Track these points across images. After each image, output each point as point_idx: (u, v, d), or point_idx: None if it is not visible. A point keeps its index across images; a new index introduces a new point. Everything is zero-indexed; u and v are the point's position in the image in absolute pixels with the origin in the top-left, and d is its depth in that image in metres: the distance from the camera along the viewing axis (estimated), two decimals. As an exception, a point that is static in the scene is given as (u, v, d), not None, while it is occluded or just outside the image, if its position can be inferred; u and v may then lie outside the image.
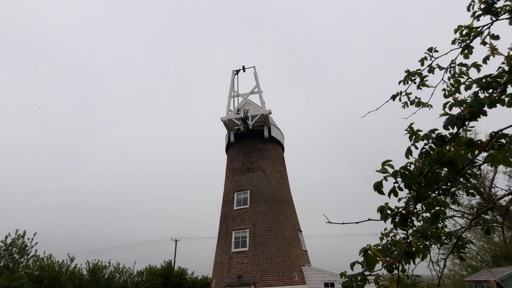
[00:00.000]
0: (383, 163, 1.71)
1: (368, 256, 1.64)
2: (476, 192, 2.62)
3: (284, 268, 14.83)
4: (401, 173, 1.60)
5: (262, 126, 18.86)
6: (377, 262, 1.73)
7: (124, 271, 22.42)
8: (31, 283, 15.32)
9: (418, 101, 2.72)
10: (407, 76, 2.64)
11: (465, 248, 2.79)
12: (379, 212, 1.67)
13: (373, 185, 1.68)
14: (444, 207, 1.58)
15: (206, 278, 25.57)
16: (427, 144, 1.76)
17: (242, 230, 15.93)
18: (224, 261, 15.61)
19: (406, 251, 1.56)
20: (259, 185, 17.29)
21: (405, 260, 1.60)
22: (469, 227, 2.57)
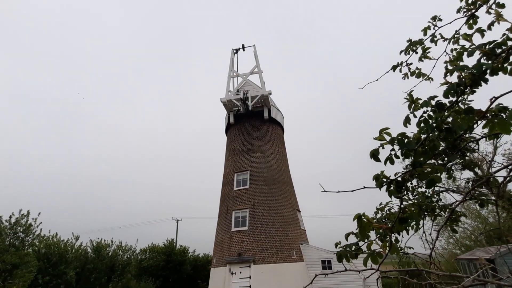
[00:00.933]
0: (381, 131, 1.70)
1: (362, 222, 1.67)
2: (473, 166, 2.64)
3: (283, 246, 15.26)
4: (399, 139, 1.59)
5: (262, 107, 18.73)
6: (370, 229, 1.76)
7: (127, 249, 23.11)
8: (38, 260, 15.83)
9: (419, 72, 2.66)
10: (409, 45, 2.57)
11: (458, 221, 2.84)
12: (375, 180, 1.67)
13: (369, 153, 1.67)
14: (439, 172, 1.58)
15: (207, 256, 26.39)
16: (425, 112, 1.74)
17: (242, 210, 16.25)
18: (224, 240, 16.04)
19: (400, 217, 1.58)
20: (259, 166, 17.43)
21: (398, 226, 1.62)
22: (464, 200, 2.60)
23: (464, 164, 2.68)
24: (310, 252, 15.55)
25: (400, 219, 1.58)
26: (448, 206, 2.58)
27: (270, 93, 18.16)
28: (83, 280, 18.54)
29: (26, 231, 16.77)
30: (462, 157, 2.53)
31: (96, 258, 19.95)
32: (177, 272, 23.81)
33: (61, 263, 17.06)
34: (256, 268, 14.42)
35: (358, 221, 1.60)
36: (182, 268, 24.10)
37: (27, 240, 16.79)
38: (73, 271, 17.69)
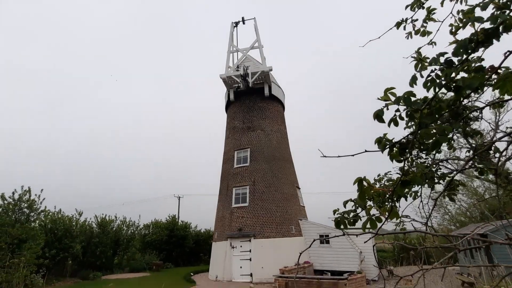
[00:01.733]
0: (386, 90, 1.62)
1: (362, 186, 1.63)
2: (475, 134, 2.57)
3: (282, 222, 15.64)
4: (405, 98, 1.51)
5: (263, 83, 18.37)
6: (370, 194, 1.73)
7: (131, 224, 23.74)
8: (45, 234, 16.30)
9: (424, 31, 2.51)
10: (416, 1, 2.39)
11: (456, 190, 2.83)
12: (377, 143, 1.61)
13: (373, 113, 1.60)
14: (446, 132, 1.52)
15: (208, 231, 27.19)
16: (433, 71, 1.65)
17: (242, 187, 16.47)
18: (225, 216, 16.41)
19: (401, 179, 1.54)
20: (259, 143, 17.43)
21: (399, 190, 1.59)
22: (464, 169, 2.56)
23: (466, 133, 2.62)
24: (308, 227, 15.97)
25: (402, 182, 1.53)
26: (447, 174, 2.55)
27: (270, 69, 17.73)
28: (89, 253, 19.25)
29: (30, 207, 17.13)
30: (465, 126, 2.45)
31: (101, 233, 20.58)
32: (180, 246, 24.65)
33: (66, 237, 17.60)
34: (256, 242, 14.87)
35: (359, 185, 1.57)
36: (185, 242, 24.93)
37: (32, 216, 17.20)
38: (79, 244, 18.31)
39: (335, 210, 1.96)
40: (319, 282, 11.38)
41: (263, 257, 14.46)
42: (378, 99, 1.61)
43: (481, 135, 2.50)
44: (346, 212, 1.91)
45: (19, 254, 10.51)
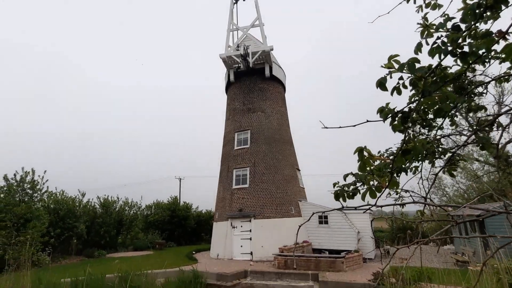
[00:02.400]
0: (390, 58, 1.55)
1: (362, 156, 1.61)
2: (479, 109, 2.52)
3: (282, 203, 15.88)
4: (409, 64, 1.45)
5: (263, 64, 18.00)
6: (371, 164, 1.71)
7: (133, 205, 24.15)
8: (48, 214, 16.62)
9: (435, 4, 2.39)
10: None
11: (457, 165, 2.81)
12: (379, 112, 1.57)
13: (376, 82, 1.54)
14: (450, 99, 1.47)
15: (209, 212, 27.71)
16: (439, 38, 1.58)
17: (242, 168, 16.57)
18: (226, 197, 16.63)
19: (403, 148, 1.52)
20: (260, 125, 17.35)
21: (400, 160, 1.57)
22: (465, 144, 2.53)
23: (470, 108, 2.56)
24: (308, 208, 16.23)
25: (403, 152, 1.51)
26: (448, 149, 2.51)
27: (271, 49, 17.31)
28: (93, 233, 19.72)
29: (33, 188, 17.36)
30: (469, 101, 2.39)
31: (104, 213, 20.98)
32: (181, 226, 25.21)
33: (70, 217, 17.95)
34: (256, 222, 15.18)
35: (360, 154, 1.54)
36: (186, 222, 25.48)
37: (36, 197, 17.46)
38: (83, 224, 18.73)
39: (335, 183, 1.95)
40: (317, 260, 11.72)
41: (263, 237, 14.80)
42: (381, 67, 1.55)
43: (485, 109, 2.44)
44: (346, 185, 1.90)
45: (24, 232, 10.75)
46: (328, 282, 9.89)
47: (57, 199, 18.42)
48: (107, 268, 11.39)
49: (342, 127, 1.77)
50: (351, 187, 1.88)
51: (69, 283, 8.57)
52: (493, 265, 6.83)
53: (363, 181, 1.70)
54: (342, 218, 15.15)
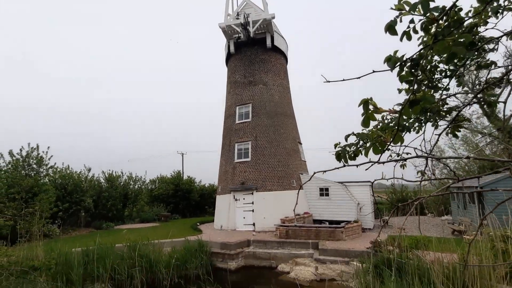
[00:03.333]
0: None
1: (367, 109, 1.51)
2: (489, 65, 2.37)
3: (284, 176, 16.05)
4: (422, 3, 1.31)
5: (265, 33, 17.27)
6: (375, 119, 1.62)
7: (137, 179, 24.59)
8: (55, 189, 16.98)
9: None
10: None
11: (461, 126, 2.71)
12: (386, 61, 1.45)
13: (384, 26, 1.41)
14: (464, 42, 1.35)
15: (212, 186, 28.24)
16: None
17: (244, 142, 16.57)
18: (228, 170, 16.81)
19: (410, 99, 1.42)
20: (261, 98, 17.07)
21: (407, 111, 1.47)
22: (472, 102, 2.41)
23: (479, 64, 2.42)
24: (309, 181, 16.42)
25: (411, 102, 1.41)
26: (454, 108, 2.40)
27: (273, 17, 16.51)
28: (100, 206, 20.29)
29: (39, 163, 17.60)
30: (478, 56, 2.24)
31: (110, 187, 21.43)
32: (186, 199, 25.84)
33: (77, 192, 18.37)
34: (258, 195, 15.46)
35: (365, 106, 1.45)
36: (190, 196, 26.06)
37: (42, 172, 17.75)
38: (90, 198, 19.22)
39: (336, 143, 1.88)
40: (317, 230, 12.06)
41: (265, 209, 15.16)
42: (391, 9, 1.40)
43: (495, 65, 2.29)
44: (348, 145, 1.83)
45: (33, 204, 11.04)
46: (327, 249, 10.25)
47: (63, 174, 18.72)
48: (115, 238, 11.84)
49: (345, 80, 1.66)
50: (352, 147, 1.82)
51: (80, 252, 8.95)
52: (488, 233, 6.98)
53: (366, 140, 1.62)
54: (343, 190, 15.37)
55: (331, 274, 9.06)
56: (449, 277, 4.79)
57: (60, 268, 7.87)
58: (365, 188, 15.44)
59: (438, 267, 4.80)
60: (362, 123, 1.51)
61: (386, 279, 5.34)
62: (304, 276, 9.10)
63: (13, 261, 6.45)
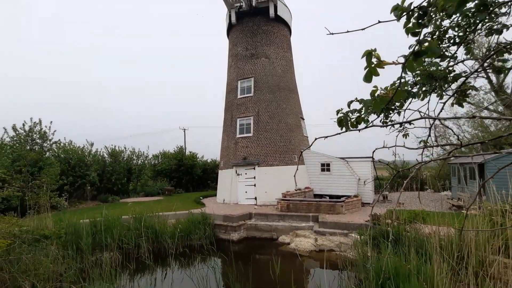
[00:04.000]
0: None
1: (370, 62, 1.41)
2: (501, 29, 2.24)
3: (286, 151, 16.11)
4: None
5: (268, 2, 16.43)
6: (377, 74, 1.51)
7: (140, 154, 24.83)
8: (60, 163, 17.23)
9: None
10: None
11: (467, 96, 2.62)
12: (393, 10, 1.35)
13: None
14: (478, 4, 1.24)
15: (215, 161, 28.54)
16: None
17: (246, 117, 16.45)
18: (230, 146, 16.86)
19: (416, 50, 1.32)
20: (263, 72, 16.66)
21: (410, 65, 1.37)
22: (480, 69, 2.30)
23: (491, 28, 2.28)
24: (310, 156, 16.50)
25: (415, 54, 1.31)
26: (461, 74, 2.30)
27: (277, -16, 15.65)
28: (105, 180, 20.71)
29: (42, 137, 17.72)
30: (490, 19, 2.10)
31: (113, 162, 21.72)
32: (189, 174, 26.25)
33: (81, 166, 18.66)
34: (260, 170, 15.64)
35: (367, 58, 1.34)
36: (193, 170, 26.45)
37: (46, 147, 17.93)
38: (95, 173, 19.56)
39: (339, 110, 1.82)
40: (317, 204, 12.31)
41: (266, 183, 15.40)
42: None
43: (507, 28, 2.16)
44: (350, 111, 1.77)
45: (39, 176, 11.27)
46: (327, 222, 10.53)
47: (67, 148, 18.91)
48: (121, 210, 12.19)
49: (350, 32, 1.55)
50: (355, 114, 1.76)
51: (88, 223, 9.26)
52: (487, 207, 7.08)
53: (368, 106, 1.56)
54: (344, 166, 15.48)
55: (330, 245, 9.39)
56: (445, 248, 4.93)
57: (70, 237, 8.19)
58: (366, 163, 15.53)
59: (434, 239, 4.92)
60: (364, 78, 1.42)
61: (383, 250, 5.51)
62: (304, 247, 9.43)
63: (24, 230, 6.70)
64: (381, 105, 1.46)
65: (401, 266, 4.77)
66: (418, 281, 4.14)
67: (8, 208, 10.72)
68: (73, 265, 7.16)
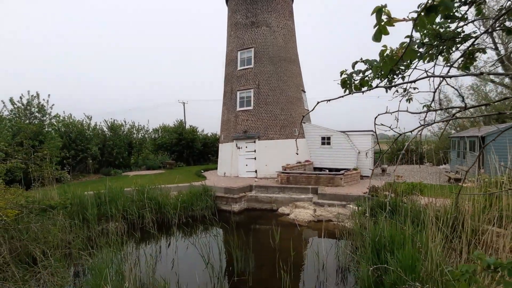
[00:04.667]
0: None
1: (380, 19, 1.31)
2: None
3: (286, 125, 16.04)
4: None
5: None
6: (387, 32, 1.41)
7: (140, 128, 24.79)
8: (60, 137, 17.24)
9: None
10: None
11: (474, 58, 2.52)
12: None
13: None
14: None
15: (215, 135, 28.57)
16: None
17: (246, 90, 16.16)
18: (230, 119, 16.76)
19: (428, 5, 1.23)
20: (264, 42, 16.07)
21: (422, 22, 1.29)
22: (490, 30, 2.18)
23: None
24: (311, 129, 16.46)
25: (427, 9, 1.22)
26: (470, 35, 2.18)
27: None
28: (106, 154, 20.87)
29: (40, 111, 17.56)
30: None
31: (114, 136, 21.74)
32: (189, 147, 26.40)
33: (81, 140, 18.70)
34: (260, 143, 15.68)
35: (377, 15, 1.25)
36: (194, 144, 26.57)
37: (45, 120, 17.82)
38: (96, 146, 19.66)
39: (343, 71, 1.74)
40: (317, 177, 12.50)
41: (267, 157, 15.52)
42: None
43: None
44: (355, 72, 1.69)
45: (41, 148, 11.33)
46: (326, 194, 10.77)
47: (67, 122, 18.82)
48: (124, 183, 12.40)
49: None
50: (360, 75, 1.69)
51: (92, 195, 9.47)
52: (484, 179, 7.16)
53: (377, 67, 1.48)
54: (344, 139, 15.49)
55: (328, 215, 9.68)
56: (440, 218, 5.06)
57: (75, 208, 8.43)
58: (366, 137, 15.53)
59: (430, 209, 5.04)
60: (373, 37, 1.34)
61: (379, 219, 5.68)
62: (302, 217, 9.73)
63: (31, 201, 6.87)
64: (390, 65, 1.39)
65: (396, 234, 4.94)
66: (413, 248, 4.30)
67: (13, 180, 10.91)
68: (80, 234, 7.44)
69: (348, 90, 1.68)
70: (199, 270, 5.70)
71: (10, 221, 5.37)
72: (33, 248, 5.36)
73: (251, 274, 5.67)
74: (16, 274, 4.43)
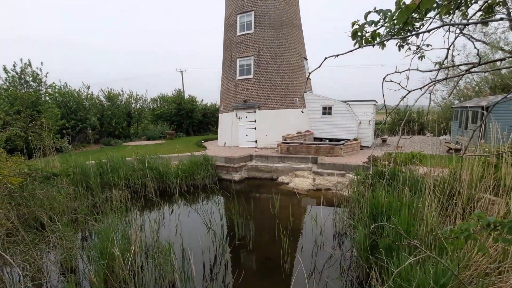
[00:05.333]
0: None
1: None
2: None
3: (287, 94, 15.73)
4: None
5: None
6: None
7: (138, 98, 24.39)
8: (59, 107, 16.99)
9: None
10: None
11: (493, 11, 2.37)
12: None
13: None
14: None
15: (215, 105, 28.23)
16: None
17: (246, 57, 15.61)
18: (230, 88, 16.40)
19: None
20: (265, 5, 15.17)
21: None
22: None
23: None
24: (312, 99, 16.19)
25: None
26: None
27: None
28: (106, 124, 20.75)
29: (35, 79, 17.12)
30: None
31: (112, 106, 21.46)
32: (189, 118, 26.22)
33: (80, 110, 18.47)
34: (260, 113, 15.51)
35: None
36: (193, 114, 26.35)
37: (41, 89, 17.43)
38: (95, 117, 19.48)
39: (354, 21, 1.62)
40: (317, 147, 12.55)
41: (267, 127, 15.44)
42: None
43: None
44: (367, 22, 1.57)
45: (39, 117, 11.24)
46: (325, 164, 10.88)
47: (62, 91, 18.44)
48: (125, 153, 12.49)
49: None
50: (372, 26, 1.57)
51: (94, 164, 9.56)
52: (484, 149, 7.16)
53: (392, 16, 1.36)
54: (346, 109, 15.29)
55: (327, 184, 9.87)
56: (438, 187, 5.14)
57: (78, 177, 8.55)
58: (368, 107, 15.33)
59: (428, 178, 5.09)
60: None
61: (378, 188, 5.77)
62: (302, 186, 9.93)
63: (33, 168, 6.94)
64: (406, 14, 1.28)
65: (393, 201, 5.05)
66: (409, 214, 4.42)
67: (14, 150, 10.95)
68: (85, 201, 7.63)
69: (358, 43, 1.57)
70: (202, 234, 5.93)
71: (16, 189, 5.46)
72: (40, 214, 5.51)
73: (251, 239, 5.91)
74: (26, 237, 4.60)
